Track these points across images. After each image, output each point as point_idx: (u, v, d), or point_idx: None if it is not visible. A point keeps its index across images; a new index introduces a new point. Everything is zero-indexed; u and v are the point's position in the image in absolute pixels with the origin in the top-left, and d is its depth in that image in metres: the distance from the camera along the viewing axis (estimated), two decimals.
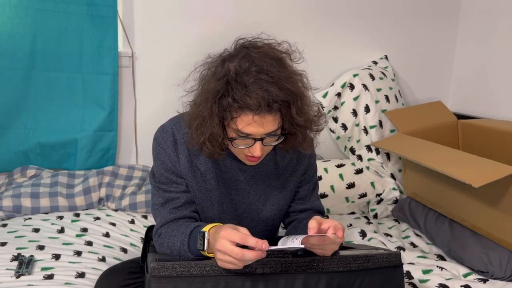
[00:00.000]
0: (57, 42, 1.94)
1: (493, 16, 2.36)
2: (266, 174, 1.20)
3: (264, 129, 1.00)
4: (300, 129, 1.07)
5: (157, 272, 0.91)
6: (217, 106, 1.01)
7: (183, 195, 1.15)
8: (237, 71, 0.99)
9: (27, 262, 1.36)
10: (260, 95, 0.96)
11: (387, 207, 2.14)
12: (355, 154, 2.31)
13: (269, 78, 0.98)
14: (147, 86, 2.14)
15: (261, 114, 0.98)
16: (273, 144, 1.08)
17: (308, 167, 1.25)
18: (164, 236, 1.11)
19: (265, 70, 0.98)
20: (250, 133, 1.01)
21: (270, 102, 0.97)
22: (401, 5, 2.46)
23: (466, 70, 2.56)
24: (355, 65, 2.39)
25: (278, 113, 1.01)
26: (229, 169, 1.17)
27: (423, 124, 2.13)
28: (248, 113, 0.98)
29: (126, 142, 2.18)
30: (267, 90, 0.97)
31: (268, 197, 1.21)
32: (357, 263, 1.00)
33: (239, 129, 1.01)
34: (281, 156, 1.21)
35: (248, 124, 0.99)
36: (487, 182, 1.43)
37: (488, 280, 1.51)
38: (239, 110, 0.98)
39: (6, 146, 1.97)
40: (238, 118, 1.00)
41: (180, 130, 1.14)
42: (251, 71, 0.98)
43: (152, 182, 1.19)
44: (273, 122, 1.01)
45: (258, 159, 1.09)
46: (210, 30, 2.14)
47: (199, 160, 1.15)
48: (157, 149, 1.15)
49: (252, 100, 0.96)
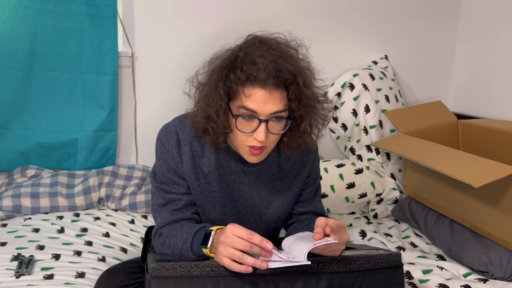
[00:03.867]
0: (57, 42, 1.94)
1: (493, 16, 2.36)
2: (269, 177, 1.19)
3: (270, 107, 1.00)
4: (307, 110, 1.06)
5: (157, 272, 0.91)
6: (223, 81, 1.02)
7: (184, 196, 1.14)
8: (246, 47, 1.03)
9: (27, 262, 1.36)
10: (268, 66, 0.98)
11: (387, 207, 2.14)
12: (355, 154, 2.31)
13: (277, 53, 1.01)
14: (147, 86, 2.14)
15: (268, 89, 0.99)
16: (278, 133, 1.05)
17: (311, 170, 1.25)
18: (166, 235, 1.10)
19: (274, 46, 1.02)
20: (256, 110, 1.00)
21: (278, 73, 0.98)
22: (401, 5, 2.46)
23: (466, 70, 2.56)
24: (355, 65, 2.39)
25: (285, 92, 1.02)
26: (233, 171, 1.16)
27: (423, 124, 2.12)
28: (255, 86, 0.99)
29: (126, 142, 2.18)
30: (275, 61, 0.99)
31: (272, 200, 1.21)
32: (357, 263, 1.00)
33: (244, 105, 1.00)
34: (285, 159, 1.20)
35: (254, 99, 0.99)
36: (487, 182, 1.43)
37: (488, 280, 1.51)
38: (246, 82, 0.99)
39: (6, 146, 1.97)
40: (244, 92, 1.00)
41: (184, 130, 1.13)
42: (260, 48, 1.01)
43: (153, 182, 1.19)
44: (280, 101, 1.01)
45: (261, 152, 1.05)
46: (210, 30, 2.14)
47: (203, 162, 1.14)
48: (160, 149, 1.14)
49: (260, 72, 0.97)
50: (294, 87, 1.02)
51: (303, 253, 0.91)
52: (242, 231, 0.90)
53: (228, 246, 0.90)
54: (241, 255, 0.89)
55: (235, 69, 1.01)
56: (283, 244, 1.01)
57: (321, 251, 0.98)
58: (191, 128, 1.12)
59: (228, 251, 0.90)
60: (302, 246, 0.93)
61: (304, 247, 0.92)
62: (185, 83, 1.15)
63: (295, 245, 0.96)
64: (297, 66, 1.03)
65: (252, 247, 0.89)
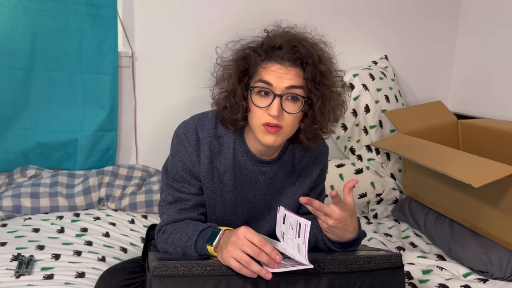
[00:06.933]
0: (57, 42, 1.94)
1: (493, 16, 2.36)
2: (283, 177, 1.20)
3: (285, 81, 1.03)
4: (324, 93, 1.07)
5: (158, 271, 0.91)
6: (245, 59, 1.07)
7: (193, 197, 1.14)
8: (267, 31, 1.12)
9: (27, 262, 1.36)
10: (286, 43, 1.04)
11: (387, 207, 2.14)
12: (355, 154, 2.31)
13: (296, 34, 1.09)
14: (147, 86, 2.14)
15: (285, 65, 1.03)
16: (293, 112, 1.05)
17: (321, 172, 1.26)
18: (170, 232, 1.10)
19: (293, 30, 1.11)
20: (271, 82, 1.03)
21: (295, 49, 1.03)
22: (401, 5, 2.46)
23: (466, 70, 2.56)
24: (355, 65, 2.39)
25: (302, 71, 1.05)
26: (249, 171, 1.16)
27: (423, 124, 2.13)
28: (272, 62, 1.04)
29: (126, 142, 2.18)
30: (293, 39, 1.06)
31: (281, 198, 1.22)
32: (358, 264, 1.00)
33: (261, 78, 1.04)
34: (299, 159, 1.22)
35: (270, 72, 1.03)
36: (487, 182, 1.43)
37: (488, 280, 1.52)
38: (265, 59, 1.05)
39: (6, 146, 1.97)
40: (262, 67, 1.05)
41: (204, 129, 1.13)
42: (280, 30, 1.11)
43: (163, 178, 1.19)
44: (295, 77, 1.04)
45: (277, 131, 1.04)
46: (210, 30, 2.14)
47: (219, 161, 1.14)
48: (177, 146, 1.13)
49: (278, 49, 1.04)
50: (311, 67, 1.05)
51: (305, 256, 0.91)
52: (254, 237, 0.90)
53: (238, 248, 0.90)
54: (249, 260, 0.89)
55: (256, 48, 1.07)
56: (277, 233, 1.04)
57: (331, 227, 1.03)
58: (211, 120, 1.15)
59: (237, 253, 0.90)
60: (296, 245, 0.94)
61: (302, 249, 0.92)
62: (185, 83, 1.15)
63: (289, 239, 0.99)
64: (315, 49, 1.08)
65: (260, 254, 0.90)
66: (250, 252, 0.89)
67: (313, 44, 1.09)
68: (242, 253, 0.89)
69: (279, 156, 1.18)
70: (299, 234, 0.93)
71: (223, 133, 1.15)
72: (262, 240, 0.90)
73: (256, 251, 0.89)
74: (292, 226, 0.96)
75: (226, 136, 1.15)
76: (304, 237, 0.92)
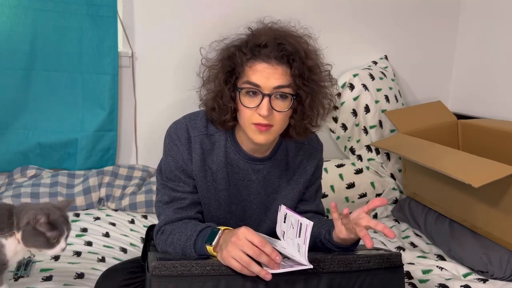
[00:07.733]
0: (57, 42, 1.94)
1: (493, 16, 2.36)
2: (277, 175, 1.20)
3: (273, 81, 1.02)
4: (311, 88, 1.07)
5: (158, 271, 0.91)
6: (231, 59, 1.06)
7: (189, 195, 1.14)
8: (253, 29, 1.10)
9: (26, 264, 1.35)
10: (271, 41, 1.03)
11: (387, 207, 2.14)
12: (355, 154, 2.31)
13: (281, 31, 1.09)
14: (147, 86, 2.14)
15: (271, 64, 1.03)
16: (282, 110, 1.05)
17: (316, 169, 1.26)
18: (169, 232, 1.10)
19: (278, 27, 1.10)
20: (259, 84, 1.03)
21: (281, 47, 1.03)
22: (401, 5, 2.46)
23: (466, 70, 2.56)
24: (355, 65, 2.39)
25: (288, 69, 1.04)
26: (242, 169, 1.16)
27: (423, 124, 2.13)
28: (258, 61, 1.03)
29: (126, 142, 2.18)
30: (278, 37, 1.04)
31: (277, 197, 1.21)
32: (357, 263, 1.00)
33: (248, 79, 1.04)
34: (293, 157, 1.21)
35: (257, 73, 1.03)
36: (487, 182, 1.43)
37: (488, 280, 1.52)
38: (251, 58, 1.04)
39: (6, 146, 1.97)
40: (249, 67, 1.04)
41: (195, 128, 1.13)
42: (265, 28, 1.10)
43: (158, 178, 1.18)
44: (283, 76, 1.04)
45: (268, 130, 1.05)
46: (210, 30, 2.13)
47: (212, 159, 1.14)
48: (169, 145, 1.14)
49: (263, 47, 1.03)
50: (298, 64, 1.04)
51: (305, 257, 0.91)
52: (254, 237, 0.90)
53: (238, 248, 0.90)
54: (249, 261, 0.89)
55: (241, 47, 1.06)
56: (277, 231, 1.03)
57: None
58: (201, 120, 1.15)
59: (237, 253, 0.90)
60: (296, 245, 0.94)
61: (302, 249, 0.92)
62: (185, 83, 1.15)
63: (289, 238, 0.98)
64: (301, 44, 1.07)
65: (260, 255, 0.90)
66: (250, 252, 0.89)
67: (298, 38, 1.09)
68: (242, 254, 0.89)
69: (272, 153, 1.19)
70: (299, 233, 0.93)
71: (215, 132, 1.15)
72: (262, 241, 0.90)
73: (256, 252, 0.89)
74: (293, 226, 0.96)
75: (218, 134, 1.15)
76: (305, 237, 0.91)
